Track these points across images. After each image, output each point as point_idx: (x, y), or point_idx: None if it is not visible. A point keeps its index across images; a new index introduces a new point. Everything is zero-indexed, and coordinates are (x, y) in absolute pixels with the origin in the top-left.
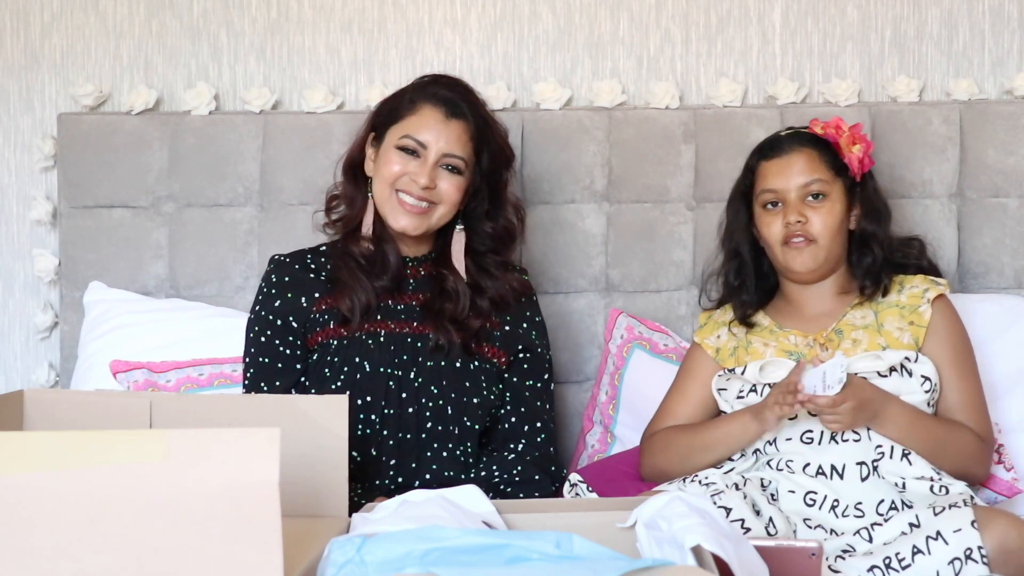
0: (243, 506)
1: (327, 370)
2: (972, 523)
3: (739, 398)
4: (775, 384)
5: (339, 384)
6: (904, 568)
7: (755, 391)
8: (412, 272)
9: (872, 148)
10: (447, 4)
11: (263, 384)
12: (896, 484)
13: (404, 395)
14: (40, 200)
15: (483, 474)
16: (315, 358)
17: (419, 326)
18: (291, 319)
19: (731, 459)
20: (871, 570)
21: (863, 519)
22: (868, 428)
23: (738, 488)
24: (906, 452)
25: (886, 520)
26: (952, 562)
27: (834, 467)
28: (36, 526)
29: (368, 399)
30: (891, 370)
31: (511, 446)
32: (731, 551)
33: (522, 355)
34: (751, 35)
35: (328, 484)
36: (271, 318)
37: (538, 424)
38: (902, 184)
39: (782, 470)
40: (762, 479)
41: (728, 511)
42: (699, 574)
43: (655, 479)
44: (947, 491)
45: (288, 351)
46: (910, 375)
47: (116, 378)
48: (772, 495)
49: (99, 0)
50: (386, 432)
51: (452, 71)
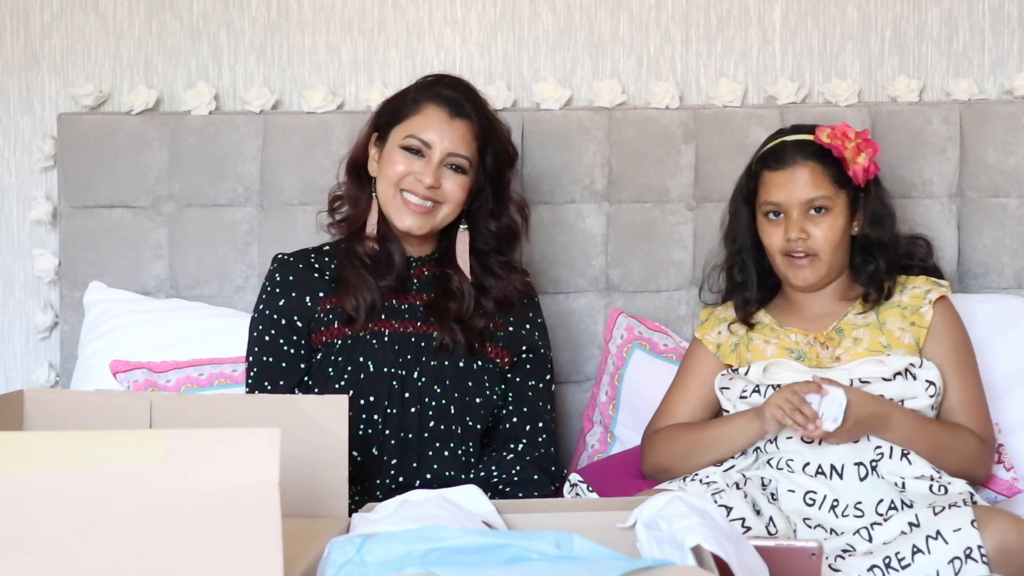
0: (243, 506)
1: (330, 369)
2: (972, 522)
3: (742, 398)
4: (779, 386)
5: (342, 383)
6: (904, 567)
7: (758, 392)
8: (416, 272)
9: (879, 152)
10: (447, 4)
11: (266, 383)
12: (896, 484)
13: (407, 395)
14: (40, 200)
15: (482, 474)
16: (319, 357)
17: (423, 326)
18: (295, 318)
19: (731, 457)
20: (871, 569)
21: (863, 519)
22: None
23: (739, 487)
24: (905, 452)
25: (886, 520)
26: (952, 561)
27: (833, 467)
28: (36, 526)
29: (371, 399)
30: (895, 374)
31: (511, 446)
32: (731, 551)
33: (525, 356)
34: (751, 35)
35: (328, 484)
36: (275, 317)
37: (540, 425)
38: (902, 184)
39: (782, 469)
40: (762, 478)
41: (729, 510)
42: (699, 574)
43: (657, 477)
44: (946, 490)
45: (292, 350)
46: (914, 379)
47: (116, 378)
48: (772, 494)
49: (99, 0)
50: (388, 431)
51: (452, 71)
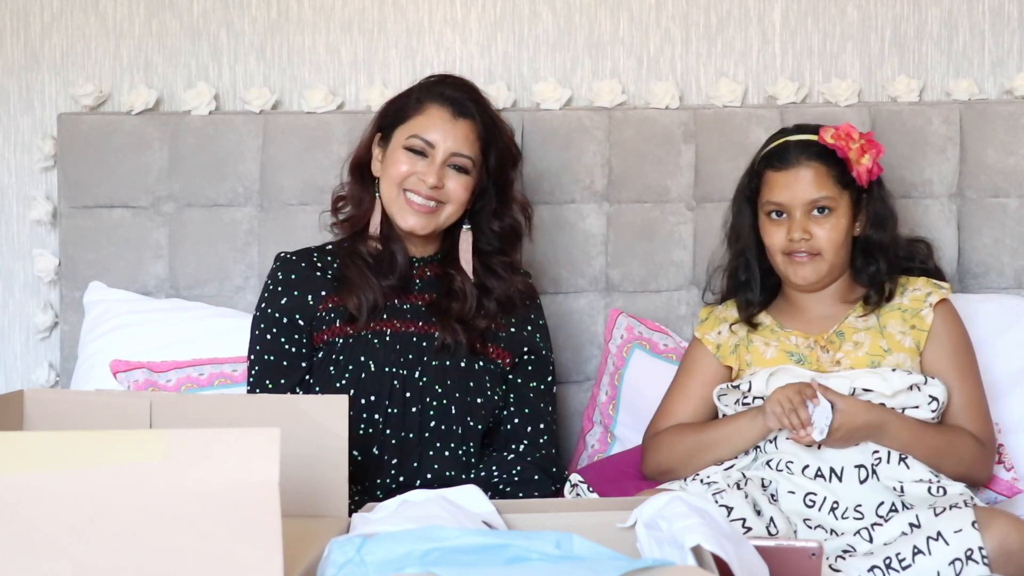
0: (243, 506)
1: (332, 368)
2: (973, 524)
3: (744, 406)
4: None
5: (344, 383)
6: (904, 568)
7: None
8: (419, 272)
9: (883, 153)
10: (447, 4)
11: (268, 382)
12: (894, 488)
13: (408, 394)
14: (40, 200)
15: (483, 474)
16: (320, 356)
17: (425, 326)
18: (297, 317)
19: (735, 456)
20: (871, 570)
21: (863, 520)
22: None
23: (739, 487)
24: (903, 456)
25: (886, 521)
26: (953, 563)
27: (833, 469)
28: (36, 526)
29: (372, 398)
30: (896, 393)
31: (512, 446)
32: (731, 551)
33: (526, 357)
34: (751, 35)
35: (328, 484)
36: (277, 315)
37: (541, 425)
38: (902, 184)
39: (782, 471)
40: (762, 479)
41: (729, 510)
42: (699, 574)
43: (659, 478)
44: (945, 492)
45: (293, 349)
46: (918, 389)
47: (116, 378)
48: (772, 495)
49: (99, 0)
50: (389, 431)
51: (452, 71)
